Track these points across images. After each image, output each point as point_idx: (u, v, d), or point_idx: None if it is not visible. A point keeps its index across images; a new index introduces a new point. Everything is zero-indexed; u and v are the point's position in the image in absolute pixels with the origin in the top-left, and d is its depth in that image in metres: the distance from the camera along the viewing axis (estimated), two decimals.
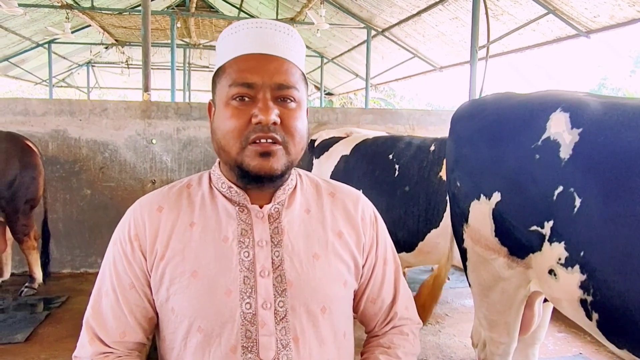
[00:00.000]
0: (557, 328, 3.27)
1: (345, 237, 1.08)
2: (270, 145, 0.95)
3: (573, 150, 1.45)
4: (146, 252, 1.01)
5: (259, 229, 1.03)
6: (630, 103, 1.44)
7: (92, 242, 4.31)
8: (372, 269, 1.13)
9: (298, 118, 0.99)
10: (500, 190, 1.68)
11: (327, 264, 1.04)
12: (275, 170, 0.97)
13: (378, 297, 1.15)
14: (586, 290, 1.38)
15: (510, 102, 1.78)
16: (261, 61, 0.97)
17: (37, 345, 2.81)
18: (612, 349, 1.42)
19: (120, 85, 16.78)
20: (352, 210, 1.12)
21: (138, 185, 4.36)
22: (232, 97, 0.96)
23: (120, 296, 1.02)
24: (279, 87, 0.96)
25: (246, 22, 1.01)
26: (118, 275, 1.03)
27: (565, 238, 1.44)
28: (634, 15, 5.14)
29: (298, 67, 1.01)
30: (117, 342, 1.03)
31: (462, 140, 1.90)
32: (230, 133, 0.96)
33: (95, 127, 4.26)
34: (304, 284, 1.01)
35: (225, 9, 12.68)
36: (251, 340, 0.97)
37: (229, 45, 1.01)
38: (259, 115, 0.93)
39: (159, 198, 1.06)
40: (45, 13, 9.30)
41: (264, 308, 0.98)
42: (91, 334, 1.03)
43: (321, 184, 1.15)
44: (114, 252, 1.04)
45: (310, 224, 1.07)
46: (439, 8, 7.07)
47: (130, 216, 1.05)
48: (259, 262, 1.00)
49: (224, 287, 0.98)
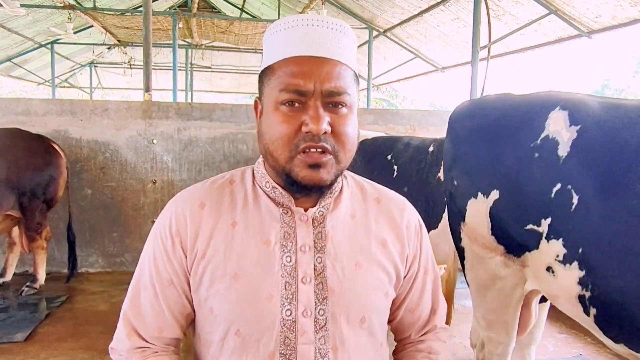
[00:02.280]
0: (557, 329, 3.27)
1: (390, 247, 1.05)
2: (320, 156, 0.92)
3: (570, 147, 1.46)
4: (187, 250, 0.99)
5: (302, 233, 0.99)
6: (628, 103, 1.45)
7: (92, 242, 4.32)
8: (414, 279, 1.10)
9: (349, 124, 0.94)
10: (498, 188, 1.68)
11: (370, 273, 1.01)
12: (325, 182, 0.94)
13: (417, 306, 1.12)
14: (584, 286, 1.39)
15: (509, 102, 1.78)
16: (313, 65, 0.92)
17: (37, 344, 2.81)
18: (608, 343, 1.43)
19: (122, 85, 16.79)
20: (397, 218, 1.08)
21: (139, 185, 4.36)
22: (282, 103, 0.92)
23: (159, 292, 1.01)
24: (330, 94, 0.92)
25: (297, 19, 0.96)
26: (157, 270, 1.02)
27: (563, 235, 1.45)
28: (636, 16, 5.13)
29: (350, 67, 0.96)
30: (154, 337, 1.02)
31: (460, 140, 1.90)
32: (280, 140, 0.92)
33: (96, 127, 4.27)
34: (346, 293, 0.98)
35: (227, 10, 12.70)
36: (289, 348, 0.95)
37: (279, 43, 0.95)
38: (310, 124, 0.90)
39: (200, 193, 1.04)
40: (48, 13, 9.32)
41: (304, 316, 0.96)
42: (129, 327, 1.02)
43: (367, 188, 1.11)
44: (154, 246, 1.03)
45: (354, 230, 1.04)
46: (440, 8, 7.07)
47: (172, 211, 1.03)
48: (301, 267, 0.97)
49: (265, 292, 0.96)
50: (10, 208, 3.48)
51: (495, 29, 5.65)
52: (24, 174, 3.52)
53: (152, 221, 4.36)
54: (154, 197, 4.38)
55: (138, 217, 4.37)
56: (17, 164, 3.50)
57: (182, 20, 9.87)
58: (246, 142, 4.52)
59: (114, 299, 3.60)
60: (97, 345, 2.79)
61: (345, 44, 0.96)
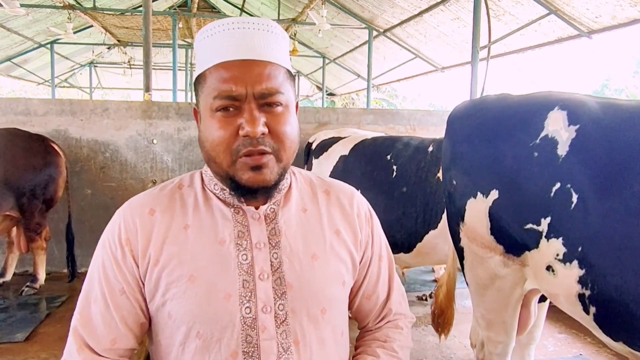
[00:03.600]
0: (557, 329, 3.27)
1: (343, 235, 1.06)
2: (261, 158, 0.92)
3: (569, 146, 1.47)
4: (138, 258, 0.98)
5: (256, 231, 1.00)
6: (627, 103, 1.46)
7: (92, 242, 4.27)
8: (368, 266, 1.12)
9: (286, 122, 0.95)
10: (497, 188, 1.68)
11: (326, 264, 1.02)
12: (269, 182, 0.95)
13: (373, 293, 1.14)
14: (584, 285, 1.40)
15: (508, 102, 1.79)
16: (242, 68, 0.92)
17: (37, 344, 2.81)
18: (607, 342, 1.44)
19: (122, 85, 16.82)
20: (347, 207, 1.10)
21: (139, 185, 4.36)
22: (217, 109, 0.93)
23: (111, 302, 0.98)
24: (262, 95, 0.92)
25: (222, 23, 0.96)
26: (108, 281, 0.99)
27: (563, 234, 1.45)
28: (635, 16, 5.13)
29: (282, 66, 0.97)
30: (107, 350, 0.99)
31: (459, 139, 1.91)
32: (219, 146, 0.93)
33: (96, 127, 4.27)
34: (304, 286, 0.99)
35: (227, 10, 12.70)
36: (252, 345, 0.95)
37: (207, 50, 0.96)
38: (246, 128, 0.90)
39: (149, 200, 1.03)
40: (48, 13, 9.33)
41: (264, 312, 0.96)
42: (80, 342, 0.98)
43: (315, 181, 1.13)
44: (103, 255, 1.01)
45: (307, 224, 1.05)
46: (440, 8, 7.07)
47: (120, 219, 1.01)
48: (257, 264, 0.98)
49: (223, 291, 0.95)
50: (10, 208, 3.47)
51: (495, 29, 5.65)
52: (23, 174, 3.52)
53: None
54: None
55: None
56: (16, 164, 3.50)
57: (182, 20, 9.88)
58: None
59: None
60: None
61: (274, 43, 0.96)
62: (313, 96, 17.20)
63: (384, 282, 1.15)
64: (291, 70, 1.01)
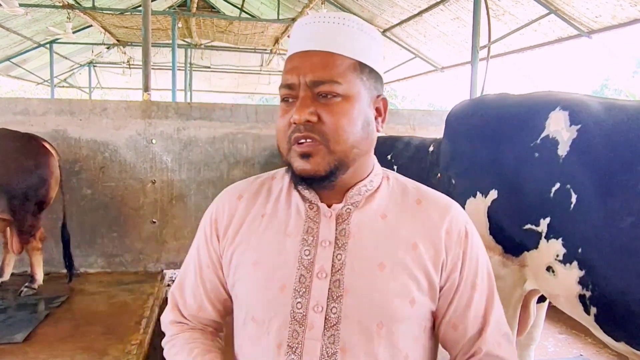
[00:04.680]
0: (557, 329, 3.26)
1: (421, 250, 0.97)
2: (308, 146, 0.93)
3: (570, 147, 1.46)
4: (220, 236, 1.07)
5: (325, 229, 0.99)
6: (628, 104, 1.45)
7: (92, 242, 4.31)
8: (454, 291, 1.00)
9: (340, 113, 0.93)
10: (497, 188, 1.68)
11: (392, 277, 0.95)
12: (318, 171, 0.94)
13: (460, 323, 1.01)
14: (584, 286, 1.39)
15: (508, 102, 1.78)
16: (300, 59, 0.95)
17: (36, 345, 2.80)
18: (608, 342, 1.43)
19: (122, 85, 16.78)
20: (437, 221, 1.00)
21: (138, 185, 4.35)
22: (281, 99, 0.98)
23: (199, 274, 1.10)
24: (314, 84, 0.93)
25: (301, 20, 1.00)
26: (199, 255, 1.11)
27: (563, 234, 1.45)
28: (636, 16, 5.13)
29: (348, 57, 0.95)
30: (192, 316, 1.11)
31: (458, 139, 1.90)
32: (280, 134, 0.98)
33: (95, 127, 4.26)
34: (362, 294, 0.94)
35: (226, 9, 12.69)
36: (297, 341, 0.95)
37: (289, 46, 1.02)
38: (294, 115, 0.93)
39: (243, 187, 1.11)
40: (47, 13, 9.32)
41: (314, 311, 0.95)
42: (173, 303, 1.13)
43: (410, 189, 1.07)
44: (200, 233, 1.13)
45: (382, 231, 0.99)
46: (440, 8, 7.07)
47: (216, 201, 1.12)
48: (318, 262, 0.97)
49: (279, 281, 0.97)
50: (1, 211, 3.39)
51: (495, 28, 5.65)
52: (12, 176, 3.39)
53: (151, 221, 4.35)
54: (153, 197, 4.37)
55: (137, 217, 4.36)
56: (5, 165, 3.37)
57: (182, 19, 9.87)
58: (246, 141, 4.51)
59: (114, 300, 3.59)
60: (97, 346, 2.78)
61: (343, 35, 0.96)
62: None
63: (476, 314, 1.01)
64: (370, 63, 0.99)
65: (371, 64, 0.99)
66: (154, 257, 4.38)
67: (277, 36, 10.77)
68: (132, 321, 3.14)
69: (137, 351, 2.72)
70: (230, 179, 4.48)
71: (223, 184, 4.47)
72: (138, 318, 3.20)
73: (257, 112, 4.54)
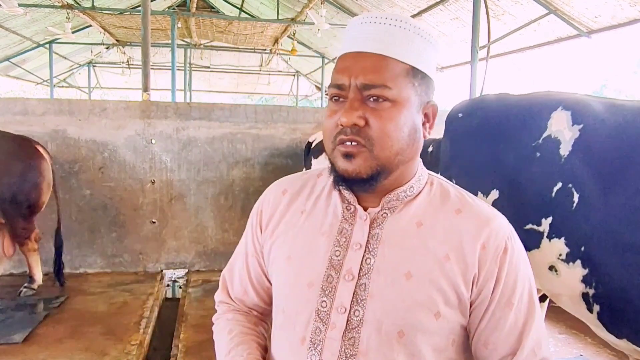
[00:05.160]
0: (557, 329, 3.26)
1: (452, 264, 0.94)
2: (352, 147, 0.92)
3: (572, 146, 1.46)
4: (263, 228, 1.11)
5: (358, 232, 0.99)
6: (630, 103, 1.45)
7: (91, 242, 4.30)
8: (486, 308, 0.96)
9: (388, 119, 0.91)
10: (498, 188, 1.68)
11: (419, 287, 0.93)
12: (359, 174, 0.93)
13: (490, 342, 0.97)
14: (588, 284, 1.39)
15: (509, 102, 1.78)
16: (352, 60, 0.94)
17: (35, 345, 2.80)
18: (611, 340, 1.43)
19: (121, 85, 16.79)
20: (473, 234, 0.96)
21: (137, 185, 4.34)
22: (330, 98, 0.98)
23: (245, 261, 1.16)
24: (365, 87, 0.91)
25: (358, 18, 0.99)
26: (247, 243, 1.16)
27: (566, 234, 1.45)
28: (635, 16, 5.13)
29: (402, 61, 0.93)
30: (238, 299, 1.19)
31: (458, 139, 1.90)
32: (326, 133, 0.98)
33: (94, 127, 4.25)
34: (386, 301, 0.94)
35: (226, 9, 12.69)
36: (319, 339, 0.97)
37: (343, 42, 1.01)
38: (342, 117, 0.92)
39: (288, 182, 1.14)
40: (46, 13, 9.31)
41: (338, 311, 0.96)
42: (223, 284, 1.21)
43: (452, 197, 1.02)
44: (249, 221, 1.17)
45: (415, 239, 0.97)
46: (439, 8, 7.07)
47: (265, 193, 1.16)
48: (347, 264, 0.97)
49: (307, 278, 1.00)
50: None
51: (494, 28, 5.65)
52: (3, 180, 3.32)
53: (151, 221, 4.35)
54: (152, 197, 4.37)
55: (137, 217, 4.35)
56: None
57: (181, 19, 9.87)
58: (245, 142, 4.50)
59: (113, 300, 3.58)
60: (96, 346, 2.77)
61: (400, 38, 0.94)
62: (312, 96, 17.19)
63: (509, 334, 0.96)
64: (424, 69, 0.97)
65: (424, 69, 0.97)
66: (154, 257, 4.37)
67: (277, 36, 10.77)
68: (132, 321, 3.14)
69: (137, 351, 2.71)
70: (230, 179, 4.48)
71: (222, 184, 4.49)
72: (138, 318, 3.20)
73: (256, 112, 4.54)
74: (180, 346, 2.82)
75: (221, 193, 4.48)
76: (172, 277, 4.69)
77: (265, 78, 15.93)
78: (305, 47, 12.90)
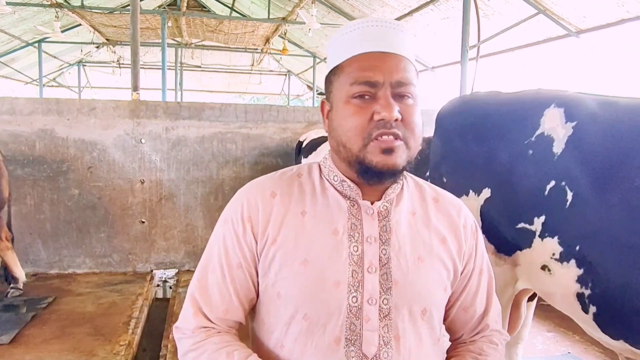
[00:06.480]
0: (546, 327, 3.27)
1: (449, 244, 1.10)
2: (393, 141, 0.97)
3: (566, 144, 1.45)
4: (258, 235, 1.05)
5: (369, 225, 1.05)
6: (623, 100, 1.44)
7: (80, 242, 4.26)
8: (469, 277, 1.15)
9: (416, 113, 1.01)
10: (490, 186, 1.67)
11: (431, 267, 1.06)
12: (398, 166, 0.99)
13: (471, 305, 1.16)
14: (583, 284, 1.38)
15: (500, 99, 1.77)
16: (381, 59, 0.99)
17: (22, 346, 2.77)
18: (605, 340, 1.41)
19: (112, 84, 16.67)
20: (455, 217, 1.13)
21: (127, 185, 4.31)
22: (353, 96, 0.99)
23: (228, 274, 1.06)
24: (398, 85, 0.98)
25: (361, 22, 1.04)
26: (227, 254, 1.07)
27: (559, 233, 1.44)
28: (622, 16, 5.16)
29: (413, 63, 1.04)
30: (219, 319, 1.06)
31: (450, 137, 1.89)
32: (353, 130, 0.99)
33: (83, 126, 4.21)
34: (409, 285, 1.03)
35: (216, 8, 12.64)
36: (355, 334, 1.00)
37: (345, 45, 1.03)
38: (382, 112, 0.96)
39: (271, 183, 1.10)
40: (35, 12, 9.23)
41: (369, 303, 1.01)
42: (196, 307, 1.07)
43: (426, 188, 1.17)
44: (224, 231, 1.08)
45: (415, 226, 1.09)
46: (430, 8, 7.09)
47: (243, 198, 1.09)
48: (367, 257, 1.02)
49: (333, 278, 1.01)
50: None
51: (484, 28, 5.66)
52: None
53: (140, 221, 4.32)
54: (142, 197, 4.34)
55: (126, 217, 4.32)
56: None
57: (172, 19, 9.82)
58: (235, 141, 4.49)
59: (101, 300, 3.55)
60: (84, 347, 2.75)
61: (406, 41, 1.03)
62: (304, 96, 17.17)
63: (482, 296, 1.17)
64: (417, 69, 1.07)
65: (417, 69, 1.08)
66: (143, 258, 4.34)
67: (268, 35, 10.74)
68: (121, 322, 3.11)
69: (126, 352, 2.69)
70: (220, 179, 4.46)
71: (212, 183, 4.47)
72: (127, 318, 3.17)
73: (246, 111, 4.52)
74: (170, 346, 2.79)
75: (211, 193, 4.46)
76: (163, 277, 4.66)
77: (257, 77, 15.89)
78: (297, 47, 12.89)
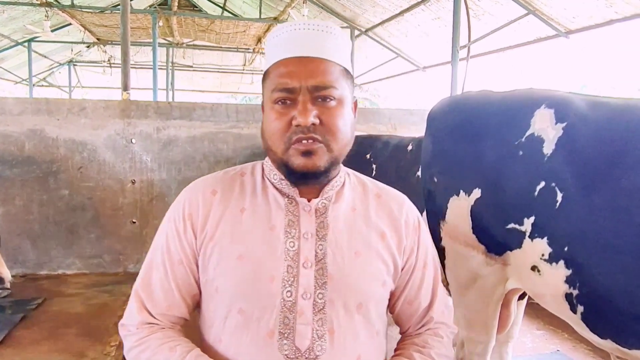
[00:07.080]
0: (535, 325, 3.29)
1: (388, 239, 1.13)
2: (311, 144, 1.01)
3: (556, 145, 1.45)
4: (197, 231, 1.09)
5: (306, 222, 1.08)
6: (613, 101, 1.44)
7: (70, 243, 4.24)
8: (412, 272, 1.18)
9: (338, 115, 1.03)
10: (480, 186, 1.67)
11: (368, 262, 1.09)
12: (318, 167, 1.03)
13: (415, 299, 1.19)
14: (572, 285, 1.38)
15: (491, 99, 1.77)
16: (298, 65, 1.02)
17: (10, 348, 2.75)
18: (593, 339, 1.42)
19: (102, 84, 16.57)
20: (396, 212, 1.17)
21: (117, 186, 4.29)
22: (275, 101, 1.03)
23: (169, 271, 1.10)
24: (316, 89, 1.01)
25: (285, 26, 1.07)
26: (169, 251, 1.11)
27: (548, 233, 1.44)
28: (612, 16, 5.21)
29: (338, 63, 1.05)
30: (162, 315, 1.10)
31: (440, 136, 1.89)
32: (275, 134, 1.03)
33: (73, 126, 4.19)
34: (344, 279, 1.06)
35: (208, 8, 12.61)
36: (288, 327, 1.02)
37: (271, 50, 1.07)
38: (298, 118, 0.99)
39: (213, 182, 1.15)
40: (24, 11, 9.16)
41: (303, 298, 1.03)
42: (139, 303, 1.10)
43: (368, 184, 1.21)
44: (167, 228, 1.13)
45: (354, 222, 1.12)
46: (421, 8, 7.11)
47: (186, 196, 1.14)
48: (303, 253, 1.06)
49: (268, 273, 1.04)
50: None
51: (475, 28, 5.69)
52: None
53: (131, 221, 4.30)
54: (133, 198, 4.32)
55: (117, 217, 4.30)
56: None
57: (162, 18, 9.76)
58: (226, 141, 4.48)
59: (91, 301, 3.54)
60: (73, 348, 2.73)
61: (331, 43, 1.05)
62: None
63: (427, 289, 1.20)
64: (349, 69, 1.10)
65: (349, 69, 1.10)
66: (134, 258, 4.32)
67: (260, 35, 10.72)
68: (111, 322, 3.09)
69: (116, 353, 2.68)
70: None
71: None
72: (117, 319, 3.12)
73: (237, 111, 4.51)
74: None
75: None
76: None
77: (249, 77, 15.85)
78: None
